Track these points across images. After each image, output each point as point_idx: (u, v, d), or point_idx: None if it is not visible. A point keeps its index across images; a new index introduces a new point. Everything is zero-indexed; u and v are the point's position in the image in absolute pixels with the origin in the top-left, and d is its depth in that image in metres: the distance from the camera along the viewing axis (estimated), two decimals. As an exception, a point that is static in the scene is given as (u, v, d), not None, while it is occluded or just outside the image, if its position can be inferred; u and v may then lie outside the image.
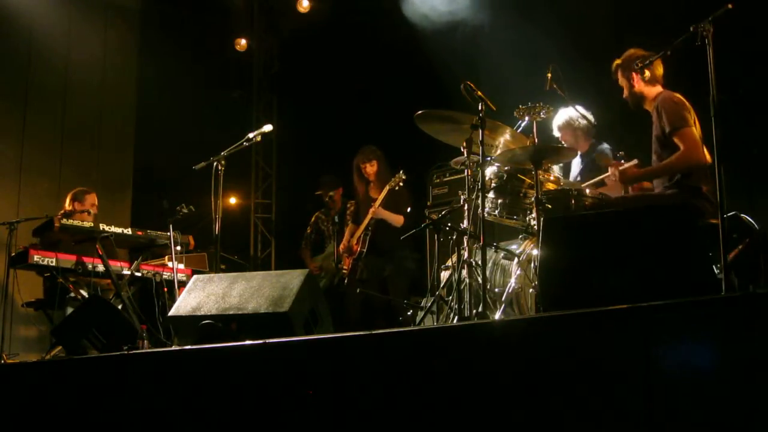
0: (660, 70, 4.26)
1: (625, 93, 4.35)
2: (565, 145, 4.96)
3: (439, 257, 5.00)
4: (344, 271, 6.46)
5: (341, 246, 6.53)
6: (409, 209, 6.21)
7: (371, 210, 6.29)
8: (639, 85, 4.27)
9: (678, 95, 4.16)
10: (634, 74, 4.25)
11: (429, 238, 6.21)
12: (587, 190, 4.44)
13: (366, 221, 6.34)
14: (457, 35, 7.03)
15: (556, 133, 5.21)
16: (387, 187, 6.24)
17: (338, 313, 5.92)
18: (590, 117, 5.10)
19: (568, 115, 5.12)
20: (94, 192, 6.76)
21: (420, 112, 4.53)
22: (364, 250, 6.30)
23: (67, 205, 6.59)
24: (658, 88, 4.26)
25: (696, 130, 4.04)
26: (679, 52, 4.07)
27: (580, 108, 5.03)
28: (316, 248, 7.45)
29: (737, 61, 5.00)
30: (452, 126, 4.53)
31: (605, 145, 5.17)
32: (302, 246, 7.46)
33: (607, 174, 4.37)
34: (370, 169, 6.48)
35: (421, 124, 4.61)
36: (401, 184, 6.21)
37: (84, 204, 6.57)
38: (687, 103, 4.12)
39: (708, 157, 3.97)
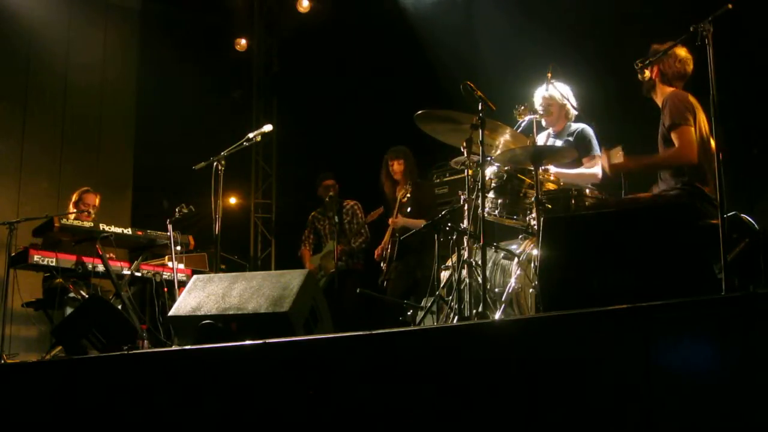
0: (685, 68, 4.21)
1: (644, 77, 4.32)
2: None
3: (439, 257, 5.00)
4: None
5: (376, 252, 6.60)
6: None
7: (390, 221, 6.42)
8: (657, 78, 4.26)
9: (688, 95, 4.14)
10: (656, 67, 4.23)
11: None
12: (587, 190, 4.44)
13: (389, 232, 6.43)
14: (455, 27, 7.06)
15: (540, 99, 5.06)
16: (398, 198, 6.37)
17: (338, 313, 5.90)
18: (574, 107, 5.05)
19: (561, 90, 5.05)
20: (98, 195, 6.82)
21: (420, 112, 4.52)
22: (395, 254, 6.35)
23: (72, 205, 6.63)
24: (673, 87, 4.23)
25: (697, 130, 4.04)
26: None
27: (569, 93, 5.00)
28: (314, 248, 7.44)
29: (737, 61, 5.00)
30: (452, 126, 4.52)
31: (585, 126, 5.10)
32: (302, 248, 7.46)
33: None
34: (398, 167, 6.57)
35: (421, 124, 4.61)
36: (408, 195, 6.32)
37: (87, 203, 6.62)
38: (694, 104, 4.10)
39: (696, 157, 3.99)
